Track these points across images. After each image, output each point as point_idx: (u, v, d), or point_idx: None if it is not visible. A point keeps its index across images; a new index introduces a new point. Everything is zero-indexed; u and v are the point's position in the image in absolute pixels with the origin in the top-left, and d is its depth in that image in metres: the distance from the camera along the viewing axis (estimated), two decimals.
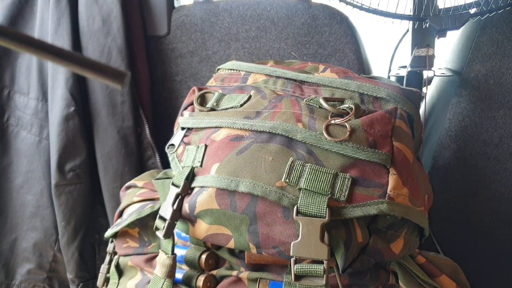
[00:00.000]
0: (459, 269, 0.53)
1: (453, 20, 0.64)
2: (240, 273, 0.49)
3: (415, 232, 0.48)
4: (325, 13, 0.76)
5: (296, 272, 0.43)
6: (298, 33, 0.78)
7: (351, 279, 0.47)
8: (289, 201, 0.42)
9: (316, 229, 0.41)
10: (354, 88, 0.50)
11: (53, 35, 0.79)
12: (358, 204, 0.42)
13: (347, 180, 0.43)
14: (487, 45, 0.70)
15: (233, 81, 0.58)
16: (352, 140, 0.43)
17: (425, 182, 0.50)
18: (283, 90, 0.53)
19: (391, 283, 0.50)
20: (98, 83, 0.81)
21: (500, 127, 0.71)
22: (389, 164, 0.43)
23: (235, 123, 0.48)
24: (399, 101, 0.48)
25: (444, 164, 0.74)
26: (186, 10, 0.83)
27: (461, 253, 0.78)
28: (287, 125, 0.46)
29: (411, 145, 0.46)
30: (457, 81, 0.72)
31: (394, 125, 0.46)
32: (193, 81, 0.85)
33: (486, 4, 0.65)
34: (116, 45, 0.79)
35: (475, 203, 0.75)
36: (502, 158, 0.71)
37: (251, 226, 0.44)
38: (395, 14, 0.66)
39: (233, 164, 0.45)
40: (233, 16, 0.80)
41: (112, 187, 0.83)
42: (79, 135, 0.80)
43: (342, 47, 0.76)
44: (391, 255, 0.45)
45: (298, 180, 0.43)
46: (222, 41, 0.81)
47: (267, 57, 0.80)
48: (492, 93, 0.70)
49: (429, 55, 0.69)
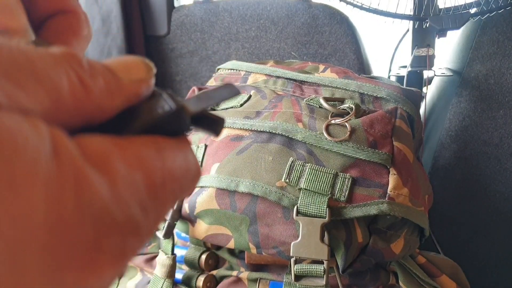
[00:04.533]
0: (459, 269, 0.53)
1: (453, 20, 0.64)
2: (240, 273, 0.49)
3: (415, 232, 0.48)
4: (325, 13, 0.76)
5: (296, 272, 0.43)
6: (298, 33, 0.78)
7: (351, 279, 0.47)
8: (289, 201, 0.42)
9: (316, 229, 0.41)
10: (354, 88, 0.50)
11: None
12: (358, 204, 0.42)
13: (347, 180, 0.42)
14: (487, 45, 0.69)
15: (233, 81, 0.58)
16: (352, 140, 0.43)
17: (425, 182, 0.49)
18: (283, 90, 0.53)
19: (391, 283, 0.50)
20: None
21: (500, 127, 0.71)
22: (389, 164, 0.43)
23: (235, 123, 0.48)
24: (399, 101, 0.48)
25: (444, 164, 0.74)
26: (186, 10, 0.83)
27: (461, 253, 0.78)
28: (287, 125, 0.46)
29: (411, 145, 0.46)
30: (458, 81, 0.72)
31: (395, 125, 0.46)
32: (193, 81, 0.84)
33: (487, 4, 0.65)
34: (116, 45, 0.79)
35: (475, 203, 0.75)
36: (502, 158, 0.71)
37: (251, 226, 0.44)
38: (395, 14, 0.66)
39: (233, 164, 0.45)
40: (233, 16, 0.80)
41: None
42: None
43: (342, 47, 0.76)
44: (391, 255, 0.45)
45: (298, 180, 0.43)
46: (222, 41, 0.81)
47: (267, 57, 0.80)
48: (493, 93, 0.70)
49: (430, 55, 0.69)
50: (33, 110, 0.11)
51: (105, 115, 0.14)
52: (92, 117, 0.13)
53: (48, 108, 0.12)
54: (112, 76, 0.14)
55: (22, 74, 0.11)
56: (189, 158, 0.15)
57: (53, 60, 0.12)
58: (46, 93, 0.11)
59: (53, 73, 0.12)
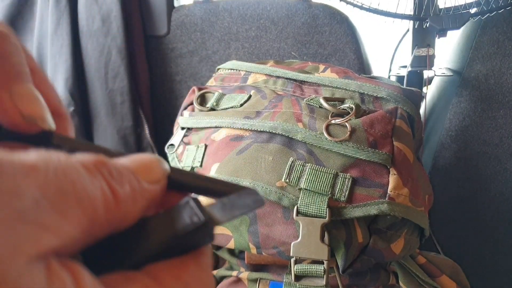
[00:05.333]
0: (459, 269, 0.53)
1: (453, 20, 0.64)
2: (240, 273, 0.49)
3: (415, 232, 0.48)
4: (325, 13, 0.76)
5: (296, 272, 0.43)
6: (298, 33, 0.77)
7: (352, 279, 0.47)
8: (289, 201, 0.42)
9: (316, 229, 0.41)
10: (354, 88, 0.50)
11: (53, 35, 0.79)
12: (359, 204, 0.42)
13: (348, 180, 0.42)
14: (487, 45, 0.69)
15: (233, 81, 0.58)
16: (352, 140, 0.43)
17: (426, 182, 0.49)
18: (283, 90, 0.53)
19: (391, 283, 0.50)
20: (98, 83, 0.81)
21: (500, 127, 0.70)
22: (390, 164, 0.43)
23: (235, 123, 0.48)
24: (399, 101, 0.48)
25: (444, 164, 0.74)
26: (186, 9, 0.83)
27: (461, 253, 0.78)
28: (287, 125, 0.46)
29: (412, 145, 0.46)
30: (458, 81, 0.72)
31: (395, 125, 0.46)
32: (193, 81, 0.84)
33: (487, 4, 0.65)
34: (116, 45, 0.79)
35: (476, 203, 0.75)
36: (502, 158, 0.71)
37: (251, 226, 0.44)
38: (396, 14, 0.66)
39: (233, 164, 0.45)
40: (233, 15, 0.80)
41: None
42: (78, 135, 0.80)
43: (342, 47, 0.76)
44: (392, 255, 0.45)
45: (298, 180, 0.43)
46: (222, 41, 0.81)
47: (267, 57, 0.80)
48: (493, 93, 0.70)
49: (430, 55, 0.69)
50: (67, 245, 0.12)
51: (127, 223, 0.14)
52: (117, 226, 0.14)
53: (85, 227, 0.12)
54: (136, 180, 0.14)
55: (66, 200, 0.12)
56: (206, 277, 0.15)
57: (88, 172, 0.13)
58: (84, 214, 0.12)
59: (90, 189, 0.12)
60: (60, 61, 0.79)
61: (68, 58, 0.78)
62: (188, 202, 0.15)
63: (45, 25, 0.80)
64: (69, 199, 0.12)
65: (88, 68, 0.81)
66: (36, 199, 0.11)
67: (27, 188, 0.11)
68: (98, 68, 0.80)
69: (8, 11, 0.82)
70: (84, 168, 0.13)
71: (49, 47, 0.79)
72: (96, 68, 0.80)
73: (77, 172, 0.12)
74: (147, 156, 0.16)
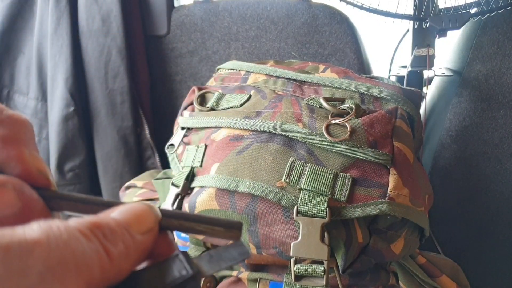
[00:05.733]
0: (459, 269, 0.53)
1: (453, 20, 0.64)
2: (240, 273, 0.49)
3: (415, 233, 0.48)
4: (325, 13, 0.76)
5: (296, 272, 0.43)
6: (298, 33, 0.77)
7: (352, 279, 0.47)
8: (289, 201, 0.42)
9: (316, 229, 0.41)
10: (354, 88, 0.50)
11: (53, 34, 0.79)
12: (359, 204, 0.42)
13: (348, 180, 0.42)
14: (487, 45, 0.69)
15: (233, 81, 0.58)
16: (352, 140, 0.43)
17: (426, 182, 0.49)
18: (283, 90, 0.53)
19: (391, 283, 0.50)
20: (98, 82, 0.81)
21: (500, 127, 0.70)
22: (390, 164, 0.43)
23: (235, 123, 0.48)
24: (399, 101, 0.48)
25: (444, 164, 0.74)
26: (186, 9, 0.83)
27: (461, 253, 0.78)
28: (287, 125, 0.46)
29: (412, 145, 0.46)
30: (458, 81, 0.72)
31: (395, 125, 0.46)
32: (193, 81, 0.84)
33: (487, 4, 0.65)
34: (116, 45, 0.79)
35: (476, 203, 0.75)
36: (502, 158, 0.71)
37: (251, 226, 0.44)
38: (396, 14, 0.66)
39: (233, 164, 0.45)
40: (233, 15, 0.80)
41: (111, 187, 0.82)
42: (78, 135, 0.80)
43: (342, 47, 0.76)
44: (392, 255, 0.45)
45: (298, 180, 0.43)
46: (222, 41, 0.81)
47: (267, 57, 0.80)
48: (493, 93, 0.70)
49: (430, 55, 0.69)
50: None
51: (122, 277, 0.15)
52: (112, 282, 0.15)
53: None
54: (129, 235, 0.15)
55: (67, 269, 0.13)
56: None
57: (85, 238, 0.14)
58: (82, 278, 0.13)
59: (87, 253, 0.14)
60: (60, 61, 0.79)
61: (68, 58, 0.78)
62: (178, 256, 0.16)
63: (45, 25, 0.80)
64: (69, 267, 0.13)
65: (88, 68, 0.81)
66: (41, 273, 0.12)
67: (33, 265, 0.12)
68: (98, 68, 0.80)
69: (8, 11, 0.82)
70: (81, 234, 0.14)
71: (49, 47, 0.79)
72: (96, 68, 0.80)
73: (75, 240, 0.14)
74: (138, 206, 0.17)
